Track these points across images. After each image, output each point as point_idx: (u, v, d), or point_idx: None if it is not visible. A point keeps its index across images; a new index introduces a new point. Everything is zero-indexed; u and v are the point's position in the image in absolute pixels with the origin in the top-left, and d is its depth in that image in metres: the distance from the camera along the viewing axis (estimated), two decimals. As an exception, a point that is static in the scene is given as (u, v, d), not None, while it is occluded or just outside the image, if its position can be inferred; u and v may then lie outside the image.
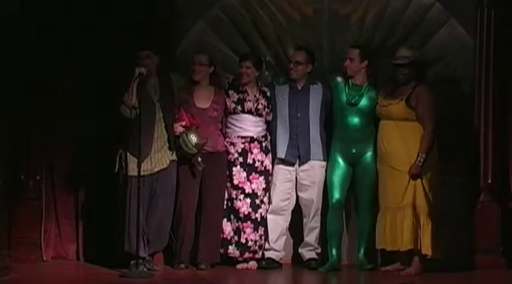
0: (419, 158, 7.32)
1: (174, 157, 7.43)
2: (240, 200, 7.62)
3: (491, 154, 7.85)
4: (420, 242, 7.34)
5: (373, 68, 7.69)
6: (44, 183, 7.83)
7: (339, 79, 7.75)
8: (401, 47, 7.58)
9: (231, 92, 7.69)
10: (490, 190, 7.82)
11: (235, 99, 7.67)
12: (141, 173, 7.20)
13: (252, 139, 7.65)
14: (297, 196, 7.77)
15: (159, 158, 7.35)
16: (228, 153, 7.64)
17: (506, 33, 7.86)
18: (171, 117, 7.42)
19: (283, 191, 7.72)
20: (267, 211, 7.71)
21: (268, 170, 7.70)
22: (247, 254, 7.63)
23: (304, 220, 7.78)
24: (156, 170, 7.34)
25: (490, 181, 7.82)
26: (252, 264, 7.67)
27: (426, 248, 7.35)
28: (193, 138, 7.39)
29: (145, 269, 7.30)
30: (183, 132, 7.41)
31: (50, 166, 7.87)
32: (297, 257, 7.89)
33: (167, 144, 7.39)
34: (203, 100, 7.60)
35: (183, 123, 7.44)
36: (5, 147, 7.45)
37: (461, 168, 7.87)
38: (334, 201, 7.68)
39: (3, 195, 7.36)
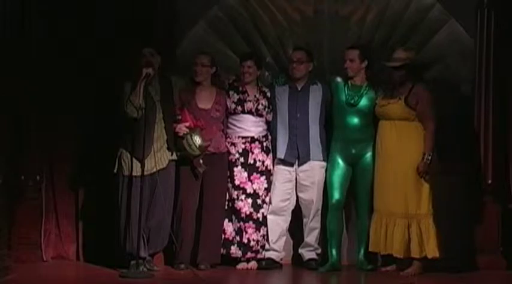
0: (426, 156, 7.33)
1: (174, 157, 7.43)
2: (242, 200, 7.62)
3: (491, 154, 7.85)
4: (424, 247, 7.36)
5: (373, 68, 7.70)
6: (44, 183, 7.83)
7: (339, 79, 7.76)
8: (397, 48, 7.57)
9: (231, 93, 7.69)
10: (490, 191, 7.82)
11: (236, 100, 7.67)
12: (141, 173, 7.21)
13: (252, 139, 7.65)
14: (297, 197, 7.77)
15: (159, 158, 7.35)
16: (229, 153, 7.64)
17: (506, 33, 7.85)
18: (170, 117, 7.43)
19: (283, 191, 7.72)
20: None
21: (270, 170, 7.69)
22: (249, 254, 7.63)
23: (304, 220, 7.78)
24: (155, 170, 7.34)
25: (490, 181, 7.82)
26: (252, 264, 7.67)
27: (433, 251, 7.36)
28: (198, 140, 7.38)
29: (145, 269, 7.30)
30: (187, 133, 7.40)
31: (50, 166, 7.87)
32: (297, 258, 7.89)
33: (166, 144, 7.39)
34: (205, 100, 7.60)
35: (187, 124, 7.44)
36: (5, 147, 7.45)
37: (461, 168, 7.86)
38: (334, 201, 7.68)
39: (3, 195, 7.36)
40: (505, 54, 7.85)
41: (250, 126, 7.66)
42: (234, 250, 7.62)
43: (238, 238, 7.62)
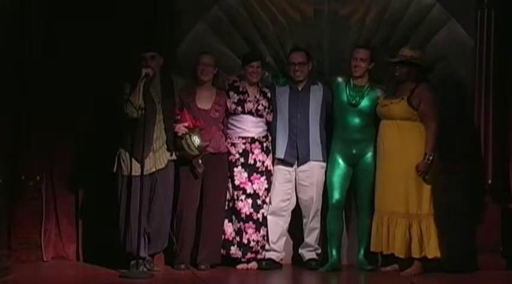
0: (427, 156, 7.32)
1: (173, 157, 7.43)
2: (242, 200, 7.62)
3: (492, 154, 7.85)
4: (424, 247, 7.36)
5: (376, 69, 7.70)
6: (44, 183, 7.83)
7: (340, 79, 7.75)
8: (404, 46, 7.57)
9: (231, 93, 7.69)
10: (490, 191, 7.83)
11: (236, 100, 7.66)
12: (139, 173, 7.21)
13: (252, 140, 7.65)
14: (297, 197, 7.77)
15: (157, 158, 7.34)
16: (229, 153, 7.64)
17: (506, 33, 7.86)
18: (171, 118, 7.42)
19: (283, 191, 7.71)
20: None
21: (270, 170, 7.69)
22: (249, 255, 7.63)
23: (304, 220, 7.77)
24: (154, 170, 7.33)
25: (490, 181, 7.83)
26: (252, 265, 7.67)
27: (434, 251, 7.37)
28: (197, 140, 7.38)
29: (145, 269, 7.30)
30: (186, 133, 7.40)
31: (50, 166, 7.87)
32: (297, 258, 7.89)
33: (165, 145, 7.39)
34: (204, 101, 7.60)
35: (186, 124, 7.43)
36: (5, 147, 7.45)
37: (461, 168, 7.86)
38: (334, 201, 7.68)
39: (3, 195, 7.36)
40: (505, 54, 7.85)
41: (250, 126, 7.66)
42: (234, 250, 7.62)
43: (238, 238, 7.62)
